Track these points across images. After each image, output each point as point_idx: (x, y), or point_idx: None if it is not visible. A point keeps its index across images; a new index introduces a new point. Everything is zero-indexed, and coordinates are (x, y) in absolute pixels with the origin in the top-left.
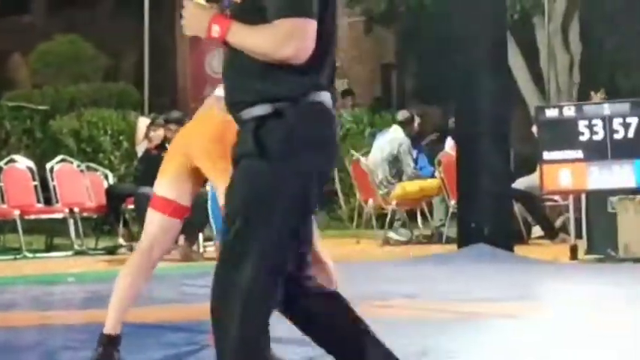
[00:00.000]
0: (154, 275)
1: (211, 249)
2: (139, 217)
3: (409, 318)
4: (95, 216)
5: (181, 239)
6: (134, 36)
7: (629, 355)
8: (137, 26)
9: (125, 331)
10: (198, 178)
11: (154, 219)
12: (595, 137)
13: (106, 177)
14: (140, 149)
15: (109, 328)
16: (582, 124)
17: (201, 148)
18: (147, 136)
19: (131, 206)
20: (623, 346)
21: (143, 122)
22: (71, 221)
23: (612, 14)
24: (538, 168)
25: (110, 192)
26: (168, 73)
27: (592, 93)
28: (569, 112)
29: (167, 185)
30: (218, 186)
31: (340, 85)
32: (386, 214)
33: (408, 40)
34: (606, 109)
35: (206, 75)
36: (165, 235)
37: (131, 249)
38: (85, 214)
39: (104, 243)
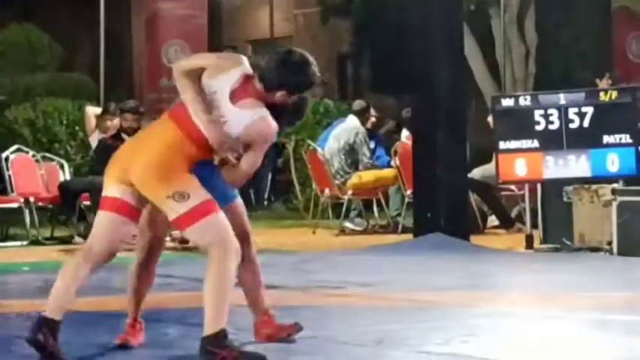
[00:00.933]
0: (109, 264)
1: (167, 239)
2: (96, 208)
3: (365, 307)
4: (51, 206)
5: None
6: (90, 26)
7: (581, 343)
8: (93, 16)
9: (80, 320)
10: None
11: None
12: (551, 127)
13: (62, 167)
14: (93, 140)
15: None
16: (538, 114)
17: (140, 172)
18: (98, 125)
19: (86, 202)
20: (571, 333)
21: (91, 112)
22: (26, 211)
23: (568, 4)
24: (494, 158)
25: (64, 188)
26: (124, 64)
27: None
28: (525, 101)
29: (112, 188)
30: (164, 210)
31: None
32: (342, 204)
33: (363, 30)
34: (562, 98)
35: (162, 65)
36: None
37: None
38: (40, 204)
39: (59, 233)
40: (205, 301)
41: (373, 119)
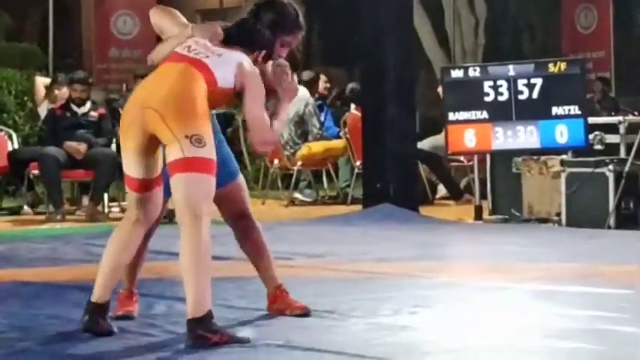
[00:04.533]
0: (59, 236)
1: (116, 209)
2: (45, 177)
3: (313, 278)
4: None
5: (86, 200)
6: None
7: (527, 313)
8: None
9: (29, 291)
10: (157, 144)
11: (129, 196)
12: (500, 98)
13: (10, 137)
14: (42, 110)
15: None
16: (487, 85)
17: (157, 102)
18: (47, 96)
19: (35, 171)
20: (518, 304)
21: (41, 82)
22: None
23: None
24: (443, 129)
25: (13, 157)
26: (72, 34)
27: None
28: (475, 73)
29: (132, 166)
30: (165, 143)
31: None
32: (291, 175)
33: (314, 1)
34: (511, 70)
35: (111, 35)
36: (146, 206)
37: (34, 211)
38: None
39: (8, 204)
40: (185, 278)
41: (327, 85)
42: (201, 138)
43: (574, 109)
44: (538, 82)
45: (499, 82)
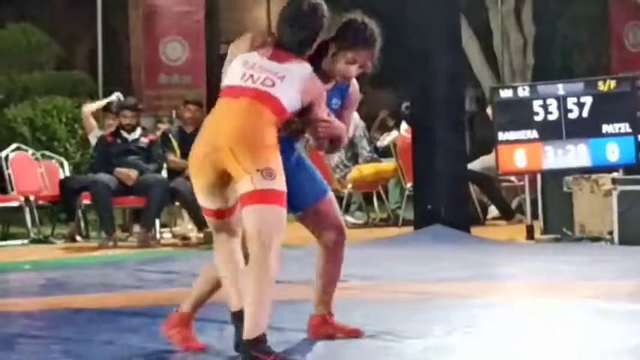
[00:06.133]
0: (111, 262)
1: (168, 235)
2: (97, 204)
3: (366, 299)
4: (51, 204)
5: (137, 226)
6: (88, 23)
7: (583, 331)
8: (90, 13)
9: (83, 317)
10: (229, 179)
11: (209, 221)
12: (550, 117)
13: (62, 165)
14: (93, 137)
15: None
16: (537, 104)
17: (227, 140)
18: (98, 120)
19: (86, 201)
20: (574, 322)
21: (88, 109)
22: (27, 209)
23: None
24: (493, 149)
25: (64, 185)
26: (121, 61)
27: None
28: (524, 92)
29: (206, 200)
30: (237, 178)
31: None
32: (342, 198)
33: None
34: (560, 89)
35: (160, 62)
36: (228, 228)
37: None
38: (40, 203)
39: (60, 231)
40: (246, 300)
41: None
42: (272, 171)
43: (624, 127)
44: (588, 100)
45: (549, 101)
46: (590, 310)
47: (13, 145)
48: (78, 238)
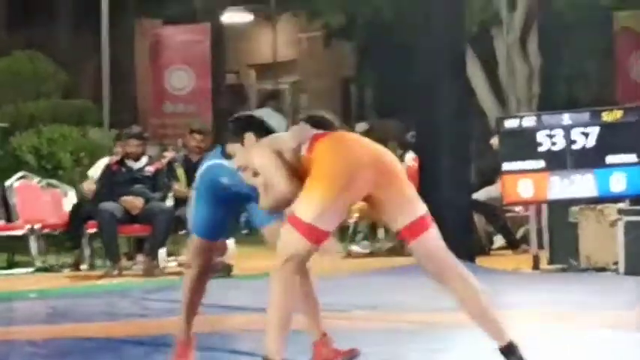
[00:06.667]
0: (116, 290)
1: (173, 264)
2: (102, 233)
3: (370, 329)
4: (57, 232)
5: (140, 255)
6: (93, 52)
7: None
8: (96, 42)
9: (88, 346)
10: None
11: (300, 247)
12: (555, 147)
13: (67, 193)
14: (93, 172)
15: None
16: (542, 134)
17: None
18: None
19: (92, 230)
20: (583, 351)
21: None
22: (32, 238)
23: (570, 25)
24: (499, 179)
25: (74, 212)
26: (127, 89)
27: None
28: (529, 122)
29: (335, 221)
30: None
31: (303, 100)
32: (348, 227)
33: (367, 53)
34: (566, 119)
35: (165, 90)
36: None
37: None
38: (46, 231)
39: (66, 259)
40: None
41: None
42: None
43: (630, 157)
44: (593, 130)
45: (554, 132)
46: (598, 339)
47: (19, 174)
48: (83, 266)
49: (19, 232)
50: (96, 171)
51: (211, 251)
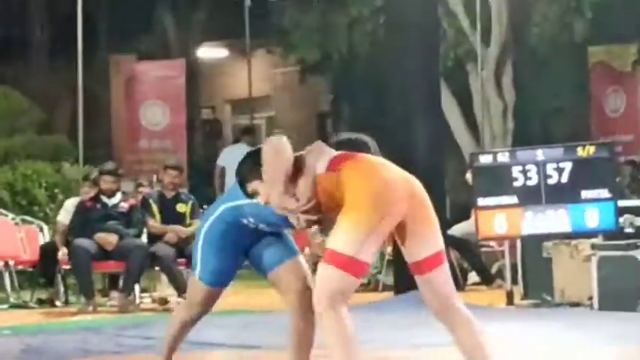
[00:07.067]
0: (90, 327)
1: (147, 300)
2: (76, 269)
3: None
4: (31, 269)
5: (114, 292)
6: (69, 88)
7: None
8: (71, 78)
9: None
10: None
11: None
12: (529, 182)
13: (41, 229)
14: (71, 203)
15: None
16: (516, 170)
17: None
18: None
19: (66, 266)
20: None
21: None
22: (6, 274)
23: (545, 60)
24: (473, 214)
25: (44, 250)
26: (102, 125)
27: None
28: (503, 157)
29: (372, 251)
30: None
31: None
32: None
33: (342, 88)
34: (540, 154)
35: (140, 127)
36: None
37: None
38: (20, 267)
39: (40, 295)
40: None
41: None
42: None
43: (604, 193)
44: (567, 165)
45: (528, 167)
46: None
47: None
48: (57, 302)
49: None
50: (65, 215)
51: (218, 296)
